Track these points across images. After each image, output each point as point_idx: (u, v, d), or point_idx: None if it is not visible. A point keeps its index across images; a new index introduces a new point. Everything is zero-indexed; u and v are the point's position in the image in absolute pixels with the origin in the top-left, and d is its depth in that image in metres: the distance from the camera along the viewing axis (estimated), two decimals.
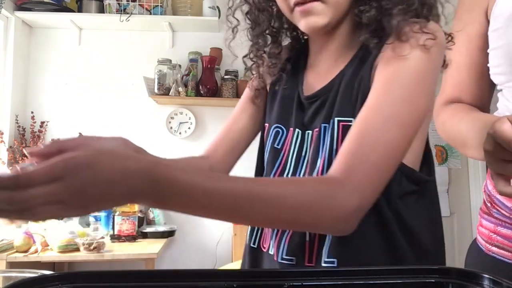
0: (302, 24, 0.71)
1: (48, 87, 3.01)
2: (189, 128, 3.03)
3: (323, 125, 0.71)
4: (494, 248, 0.80)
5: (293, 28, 0.84)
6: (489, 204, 0.83)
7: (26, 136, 2.88)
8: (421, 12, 0.69)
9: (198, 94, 2.90)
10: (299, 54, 0.84)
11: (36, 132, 2.90)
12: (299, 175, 0.73)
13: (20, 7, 2.82)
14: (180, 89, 2.82)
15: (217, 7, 2.93)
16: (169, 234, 2.69)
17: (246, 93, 0.90)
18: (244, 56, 0.86)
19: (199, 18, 2.92)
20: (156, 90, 2.85)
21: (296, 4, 0.70)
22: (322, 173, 0.68)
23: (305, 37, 0.86)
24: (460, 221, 3.22)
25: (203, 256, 2.93)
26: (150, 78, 2.88)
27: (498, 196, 0.80)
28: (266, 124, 0.82)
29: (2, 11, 2.60)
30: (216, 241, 2.95)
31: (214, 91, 2.91)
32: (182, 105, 3.03)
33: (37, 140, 2.85)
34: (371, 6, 0.69)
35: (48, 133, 2.95)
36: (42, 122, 2.94)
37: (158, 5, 2.88)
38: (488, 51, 0.83)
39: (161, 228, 2.70)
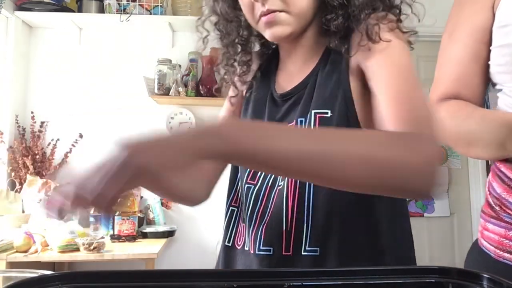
0: (267, 34, 0.74)
1: (48, 87, 3.01)
2: (189, 128, 3.02)
3: (299, 119, 0.74)
4: (506, 254, 0.76)
5: (262, 36, 0.85)
6: (497, 208, 0.79)
7: (26, 136, 2.87)
8: (390, 13, 0.72)
9: (198, 94, 2.90)
10: (270, 59, 0.88)
11: (36, 132, 2.90)
12: None
13: (20, 7, 2.82)
14: (180, 89, 2.82)
15: None
16: (169, 234, 2.69)
17: (226, 107, 0.92)
18: (217, 65, 0.89)
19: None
20: (156, 90, 2.85)
21: (262, 15, 0.72)
22: None
23: (274, 45, 0.89)
24: (460, 221, 3.22)
25: (203, 256, 2.93)
26: (150, 78, 2.88)
27: (511, 199, 0.76)
28: None
29: (2, 11, 2.60)
30: (216, 241, 2.94)
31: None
32: (182, 105, 3.02)
33: (37, 140, 2.85)
34: (337, 14, 0.72)
35: (48, 133, 2.95)
36: (42, 122, 2.94)
37: (158, 5, 2.88)
38: (491, 48, 0.80)
39: (161, 228, 2.70)
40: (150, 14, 2.89)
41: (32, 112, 2.95)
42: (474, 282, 0.35)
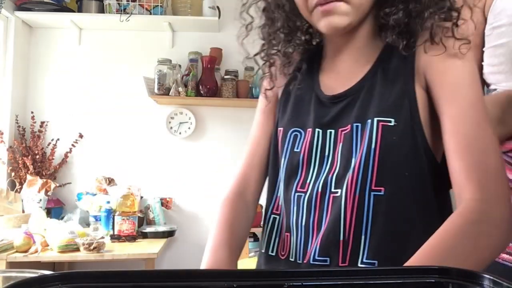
0: (322, 24, 0.71)
1: (48, 87, 3.01)
2: (189, 128, 3.03)
3: (354, 124, 0.71)
4: (504, 255, 0.78)
5: (306, 29, 0.83)
6: None
7: (26, 136, 2.88)
8: (450, 15, 0.69)
9: (198, 94, 2.90)
10: (311, 57, 0.84)
11: (36, 132, 2.90)
12: (323, 175, 0.72)
13: (20, 7, 2.82)
14: (180, 89, 2.82)
15: (217, 7, 2.93)
16: (169, 234, 2.69)
17: (262, 106, 0.87)
18: (256, 54, 0.84)
19: (199, 18, 2.92)
20: (156, 90, 2.85)
21: (318, 4, 0.69)
22: (358, 172, 0.68)
23: (317, 40, 0.85)
24: None
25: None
26: (150, 78, 2.88)
27: None
28: (280, 128, 0.80)
29: (2, 11, 2.60)
30: None
31: (214, 91, 2.91)
32: (182, 105, 3.02)
33: (37, 140, 2.85)
34: (398, 9, 0.70)
35: (48, 133, 2.95)
36: (42, 122, 2.94)
37: (158, 5, 2.88)
38: (484, 49, 0.81)
39: (161, 228, 2.70)
40: (150, 14, 2.89)
41: (32, 112, 2.95)
42: (474, 282, 0.35)
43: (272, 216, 0.80)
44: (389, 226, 0.67)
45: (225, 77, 2.93)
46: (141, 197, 2.84)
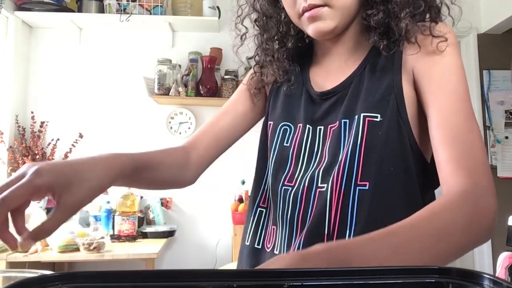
0: (310, 30, 0.73)
1: (48, 87, 3.02)
2: (189, 128, 3.03)
3: (343, 120, 0.72)
4: None
5: (299, 31, 0.85)
6: None
7: (26, 136, 2.88)
8: (428, 15, 0.71)
9: (198, 94, 2.90)
10: (303, 53, 0.86)
11: (36, 132, 2.90)
12: (311, 170, 0.73)
13: (20, 7, 2.82)
14: (180, 89, 2.82)
15: (217, 7, 2.93)
16: (169, 234, 2.69)
17: (241, 89, 0.90)
18: (250, 58, 0.87)
19: (199, 18, 2.92)
20: (156, 90, 2.85)
21: (304, 11, 0.71)
22: (344, 167, 0.68)
23: (309, 39, 0.87)
24: None
25: (203, 256, 2.93)
26: (150, 78, 2.88)
27: None
28: (270, 122, 0.82)
29: (2, 11, 2.61)
30: (216, 241, 2.95)
31: (214, 91, 2.91)
32: (182, 105, 3.03)
33: (37, 140, 2.85)
34: (378, 10, 0.71)
35: (48, 133, 2.95)
36: (42, 122, 2.94)
37: (158, 5, 2.89)
38: None
39: (161, 228, 2.70)
40: (150, 14, 2.90)
41: (32, 112, 2.95)
42: (474, 282, 0.35)
43: (259, 209, 0.81)
44: (373, 221, 0.67)
45: (225, 77, 2.94)
46: (141, 197, 2.84)
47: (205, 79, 2.90)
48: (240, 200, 2.82)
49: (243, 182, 2.81)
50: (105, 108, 3.02)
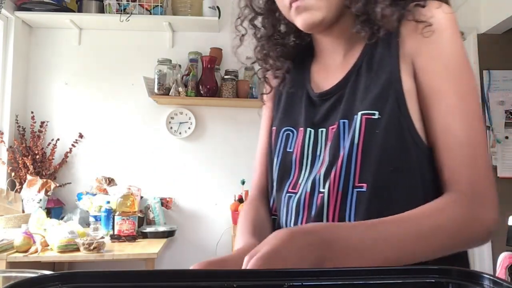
0: (299, 21, 0.71)
1: (48, 87, 3.02)
2: (189, 128, 3.03)
3: (341, 121, 0.69)
4: None
5: (297, 29, 0.84)
6: None
7: (26, 136, 2.88)
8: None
9: (198, 94, 2.90)
10: (303, 53, 0.84)
11: (36, 132, 2.90)
12: (314, 174, 0.71)
13: (20, 7, 2.82)
14: (180, 89, 2.82)
15: (217, 7, 2.93)
16: (169, 234, 2.69)
17: (264, 111, 0.89)
18: (253, 62, 0.86)
19: (199, 18, 2.92)
20: (156, 90, 2.85)
21: (292, 2, 0.70)
22: (341, 168, 0.67)
23: (310, 37, 0.85)
24: None
25: (203, 256, 2.92)
26: (150, 78, 2.88)
27: None
28: (274, 128, 0.81)
29: (2, 11, 2.61)
30: (216, 241, 2.95)
31: (214, 91, 2.91)
32: (182, 105, 3.03)
33: (37, 140, 2.85)
34: None
35: (48, 133, 2.95)
36: (42, 122, 2.94)
37: (158, 5, 2.89)
38: None
39: (161, 228, 2.70)
40: (150, 14, 2.90)
41: (32, 112, 2.95)
42: (474, 282, 0.35)
43: (272, 217, 0.80)
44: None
45: (225, 77, 2.93)
46: (141, 197, 2.84)
47: (205, 79, 2.90)
48: (240, 200, 2.82)
49: (243, 182, 2.81)
50: (105, 108, 3.01)
